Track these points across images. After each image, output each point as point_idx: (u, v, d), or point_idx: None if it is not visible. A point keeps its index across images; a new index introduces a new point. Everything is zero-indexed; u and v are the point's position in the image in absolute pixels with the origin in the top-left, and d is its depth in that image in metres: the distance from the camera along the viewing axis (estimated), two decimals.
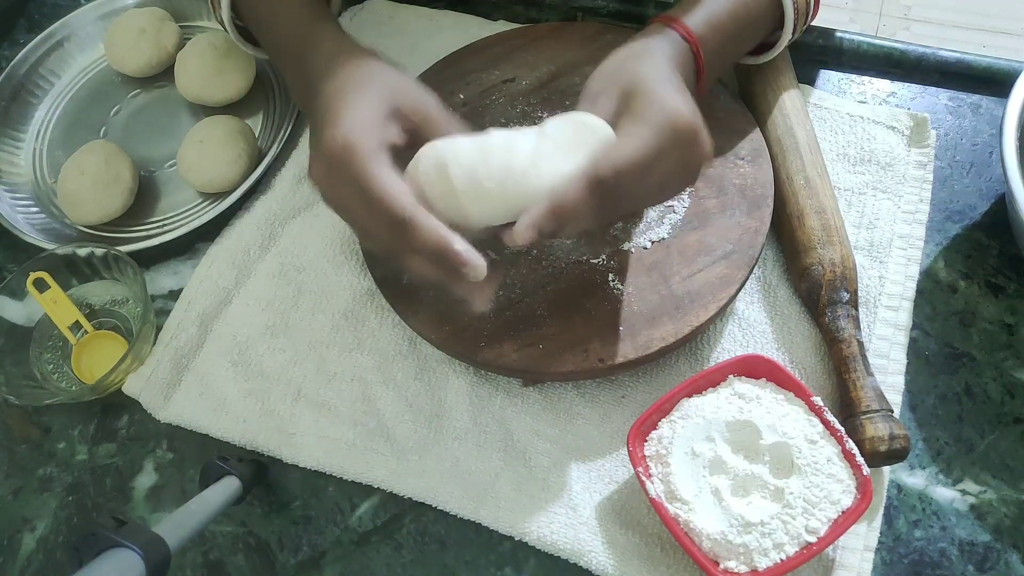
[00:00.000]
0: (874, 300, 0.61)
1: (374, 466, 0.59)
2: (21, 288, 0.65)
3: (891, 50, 0.73)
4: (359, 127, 0.50)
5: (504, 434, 0.59)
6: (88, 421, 0.64)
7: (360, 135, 0.49)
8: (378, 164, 0.49)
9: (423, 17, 0.80)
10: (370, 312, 0.65)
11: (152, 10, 0.80)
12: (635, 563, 0.53)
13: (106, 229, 0.72)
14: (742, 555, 0.49)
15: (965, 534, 0.54)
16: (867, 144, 0.67)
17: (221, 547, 0.59)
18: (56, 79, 0.81)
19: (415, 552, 0.57)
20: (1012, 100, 0.60)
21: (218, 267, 0.68)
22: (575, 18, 0.78)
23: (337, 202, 0.51)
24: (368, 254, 0.63)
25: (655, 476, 0.53)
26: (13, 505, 0.62)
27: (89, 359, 0.66)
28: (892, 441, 0.53)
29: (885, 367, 0.59)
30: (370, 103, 0.51)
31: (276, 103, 0.77)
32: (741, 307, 0.62)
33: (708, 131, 0.51)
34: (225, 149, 0.70)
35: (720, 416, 0.53)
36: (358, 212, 0.50)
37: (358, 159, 0.48)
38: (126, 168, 0.71)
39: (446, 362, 0.62)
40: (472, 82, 0.70)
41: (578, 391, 0.60)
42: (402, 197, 0.48)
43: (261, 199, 0.71)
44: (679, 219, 0.61)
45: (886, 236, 0.63)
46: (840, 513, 0.50)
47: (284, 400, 0.62)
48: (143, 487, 0.61)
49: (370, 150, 0.49)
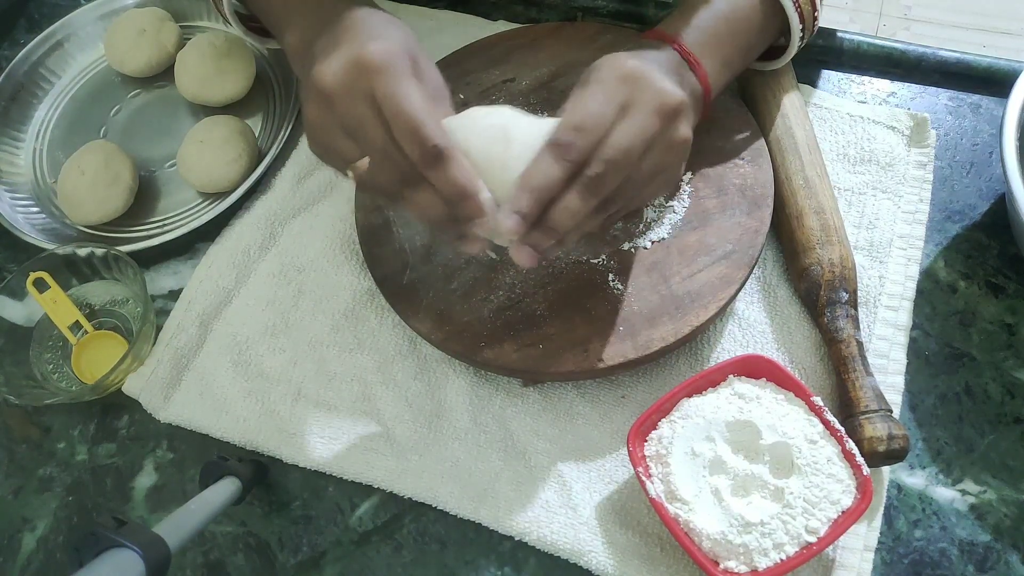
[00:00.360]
0: (874, 300, 0.61)
1: (374, 466, 0.59)
2: (21, 288, 0.65)
3: (891, 50, 0.73)
4: (400, 50, 0.48)
5: (504, 434, 0.59)
6: (88, 421, 0.64)
7: (397, 55, 0.48)
8: (415, 87, 0.47)
9: (423, 17, 0.80)
10: (370, 312, 0.65)
11: (152, 10, 0.80)
12: (635, 563, 0.53)
13: (106, 229, 0.72)
14: (742, 555, 0.49)
15: (965, 534, 0.54)
16: (867, 144, 0.67)
17: (221, 547, 0.59)
18: (56, 79, 0.81)
19: (415, 552, 0.57)
20: (1012, 100, 0.60)
21: (218, 267, 0.68)
22: (575, 18, 0.79)
23: (349, 119, 0.48)
24: (369, 255, 0.63)
25: (655, 476, 0.53)
26: (13, 505, 0.62)
27: (89, 359, 0.66)
28: (891, 441, 0.53)
29: (885, 367, 0.59)
30: (404, 44, 0.50)
31: (276, 103, 0.77)
32: (741, 307, 0.62)
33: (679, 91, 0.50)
34: (225, 149, 0.70)
35: (720, 416, 0.53)
36: (373, 133, 0.47)
37: (394, 74, 0.47)
38: (126, 168, 0.71)
39: (446, 362, 0.62)
40: (472, 82, 0.70)
41: (578, 391, 0.60)
42: (438, 126, 0.46)
43: (261, 199, 0.71)
44: (679, 219, 0.61)
45: (886, 236, 0.63)
46: (840, 513, 0.50)
47: (284, 400, 0.62)
48: (143, 487, 0.61)
49: (408, 70, 0.47)
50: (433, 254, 0.62)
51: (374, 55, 0.47)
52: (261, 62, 0.79)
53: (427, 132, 0.46)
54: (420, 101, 0.47)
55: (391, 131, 0.47)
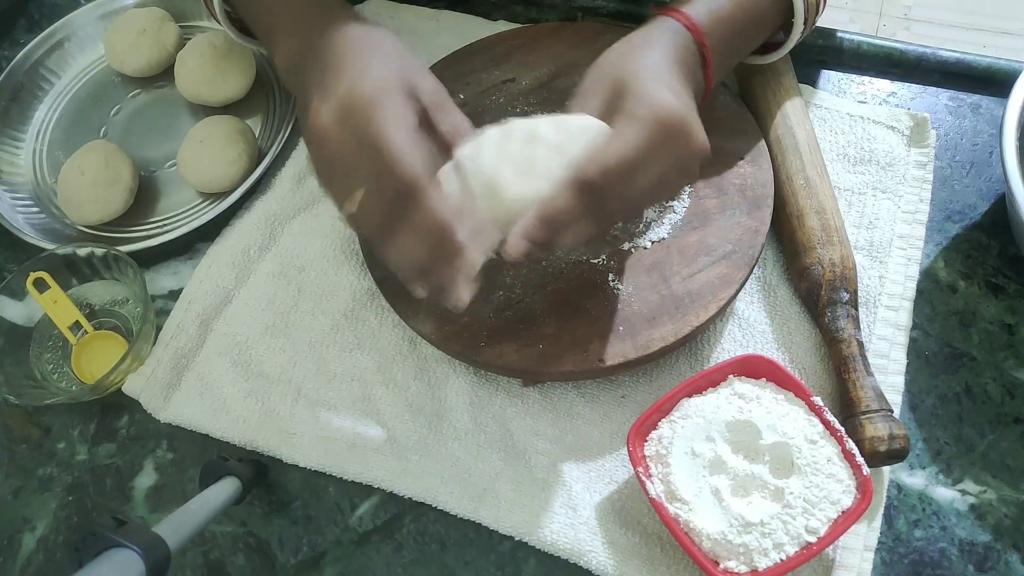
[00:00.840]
0: (874, 300, 0.61)
1: (374, 466, 0.58)
2: (21, 288, 0.65)
3: (891, 50, 0.73)
4: (386, 84, 0.49)
5: (504, 434, 0.59)
6: (88, 421, 0.64)
7: (387, 91, 0.48)
8: (400, 124, 0.48)
9: (423, 17, 0.80)
10: (370, 312, 0.65)
11: (152, 10, 0.80)
12: (635, 563, 0.53)
13: (106, 229, 0.72)
14: (742, 555, 0.49)
15: (965, 534, 0.54)
16: (867, 144, 0.67)
17: (221, 547, 0.59)
18: (56, 79, 0.81)
19: (415, 552, 0.57)
20: (1012, 100, 0.60)
21: (218, 267, 0.68)
22: (575, 18, 0.79)
23: (340, 156, 0.49)
24: (369, 255, 0.63)
25: (655, 476, 0.53)
26: (13, 505, 0.62)
27: (89, 359, 0.66)
28: (892, 441, 0.53)
29: (885, 367, 0.59)
30: (392, 70, 0.50)
31: (276, 103, 0.77)
32: (741, 307, 0.62)
33: (701, 126, 0.50)
34: (225, 149, 0.70)
35: (720, 416, 0.53)
36: (361, 171, 0.48)
37: (381, 112, 0.47)
38: (126, 168, 0.71)
39: (446, 362, 0.62)
40: (472, 82, 0.70)
41: (578, 391, 0.60)
42: (418, 164, 0.46)
43: (261, 199, 0.71)
44: (679, 219, 0.61)
45: (886, 236, 0.63)
46: (840, 513, 0.50)
47: (284, 400, 0.62)
48: (143, 487, 0.61)
49: (396, 108, 0.48)
50: None
51: (361, 94, 0.48)
52: (261, 62, 0.79)
53: (402, 167, 0.46)
54: (403, 136, 0.47)
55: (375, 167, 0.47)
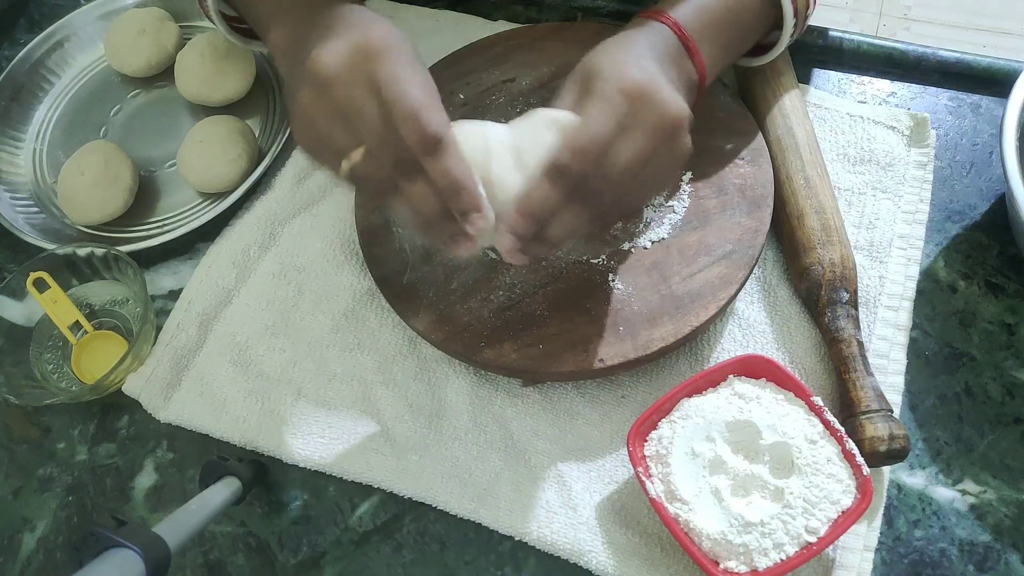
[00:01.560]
0: (874, 300, 0.61)
1: (374, 466, 0.58)
2: (21, 288, 0.65)
3: (891, 50, 0.73)
4: (397, 34, 0.47)
5: (504, 434, 0.59)
6: (88, 421, 0.64)
7: (400, 39, 0.47)
8: (418, 72, 0.46)
9: (423, 17, 0.80)
10: (370, 312, 0.65)
11: (152, 10, 0.80)
12: (635, 563, 0.53)
13: (106, 229, 0.72)
14: (742, 555, 0.49)
15: (965, 534, 0.54)
16: (867, 144, 0.67)
17: (221, 547, 0.59)
18: (56, 79, 0.81)
19: (415, 552, 0.57)
20: (1012, 100, 0.60)
21: (218, 267, 0.68)
22: (575, 18, 0.79)
23: (346, 104, 0.46)
24: (369, 255, 0.63)
25: (655, 476, 0.53)
26: (13, 505, 0.62)
27: (89, 359, 0.66)
28: (892, 441, 0.53)
29: (885, 367, 0.59)
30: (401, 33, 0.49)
31: (276, 103, 0.77)
32: (741, 307, 0.62)
33: (675, 93, 0.48)
34: (225, 149, 0.70)
35: (720, 416, 0.53)
36: (371, 118, 0.46)
37: (396, 58, 0.45)
38: (126, 168, 0.71)
39: (446, 362, 0.62)
40: (472, 82, 0.70)
41: (578, 391, 0.60)
42: (439, 113, 0.45)
43: (261, 199, 0.71)
44: (679, 219, 0.61)
45: (886, 236, 0.63)
46: (840, 513, 0.50)
47: (284, 400, 0.62)
48: (143, 487, 0.61)
49: (411, 56, 0.46)
50: (433, 254, 0.62)
51: (377, 39, 0.46)
52: (261, 62, 0.79)
53: (427, 118, 0.44)
54: (422, 87, 0.46)
55: (390, 116, 0.45)
